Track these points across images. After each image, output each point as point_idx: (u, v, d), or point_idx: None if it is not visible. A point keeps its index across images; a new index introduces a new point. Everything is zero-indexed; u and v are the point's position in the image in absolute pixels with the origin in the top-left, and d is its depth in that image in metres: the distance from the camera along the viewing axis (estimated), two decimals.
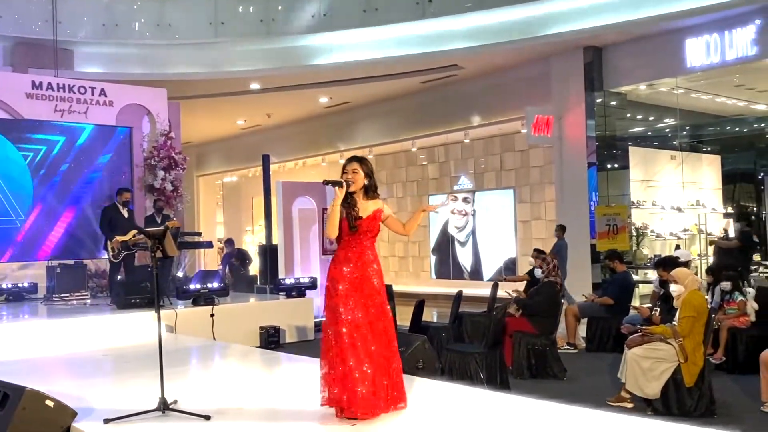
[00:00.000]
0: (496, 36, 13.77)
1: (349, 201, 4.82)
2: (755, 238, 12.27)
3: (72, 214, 13.77)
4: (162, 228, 5.60)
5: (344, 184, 4.79)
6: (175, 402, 5.27)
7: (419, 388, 5.86)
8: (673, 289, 6.92)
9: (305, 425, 4.80)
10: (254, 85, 16.54)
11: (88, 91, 14.08)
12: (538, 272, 9.15)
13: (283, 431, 4.84)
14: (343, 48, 15.08)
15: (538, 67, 14.71)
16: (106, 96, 14.25)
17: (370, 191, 4.91)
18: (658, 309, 7.81)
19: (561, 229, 13.16)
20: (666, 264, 8.48)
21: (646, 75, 13.54)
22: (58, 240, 13.59)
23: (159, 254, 5.41)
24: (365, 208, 4.85)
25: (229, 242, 18.09)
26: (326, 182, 4.94)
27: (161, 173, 14.43)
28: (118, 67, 15.38)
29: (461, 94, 16.54)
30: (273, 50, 15.43)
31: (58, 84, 13.77)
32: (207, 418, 5.00)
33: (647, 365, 6.73)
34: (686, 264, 9.05)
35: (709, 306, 7.00)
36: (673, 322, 6.78)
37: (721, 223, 15.48)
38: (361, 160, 4.92)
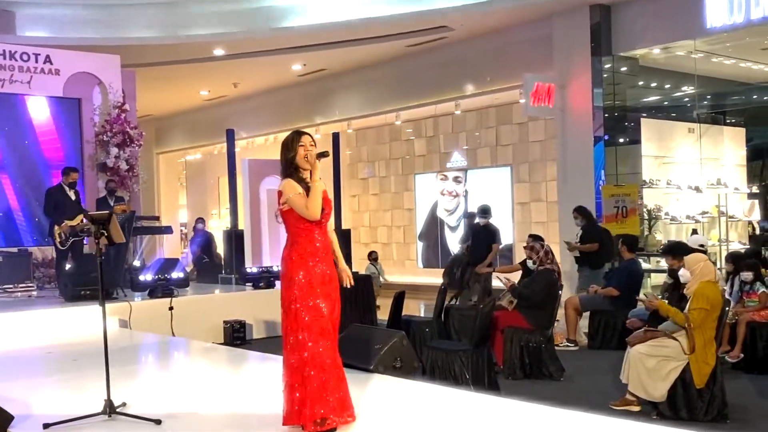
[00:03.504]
0: None
1: (304, 181, 4.85)
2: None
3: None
4: (107, 212, 5.62)
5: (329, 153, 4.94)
6: (124, 405, 5.35)
7: (396, 389, 5.93)
8: (681, 273, 7.02)
9: None
10: (218, 51, 16.49)
11: (31, 59, 14.04)
12: (529, 263, 9.21)
13: None
14: (318, 7, 15.05)
15: (538, 28, 14.71)
16: (51, 64, 14.23)
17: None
18: (667, 301, 7.87)
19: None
20: (674, 250, 8.54)
21: (661, 37, 13.56)
22: None
23: (104, 241, 5.44)
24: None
25: (201, 221, 18.20)
26: (321, 155, 4.93)
27: (114, 150, 14.42)
28: (66, 31, 15.30)
29: (452, 60, 16.54)
30: (239, 11, 15.40)
31: None
32: (157, 422, 5.07)
33: (652, 364, 6.81)
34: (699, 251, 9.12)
35: (727, 297, 7.07)
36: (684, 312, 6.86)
37: (744, 205, 15.60)
38: (311, 134, 5.02)
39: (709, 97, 15.87)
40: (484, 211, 12.51)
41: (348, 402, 4.83)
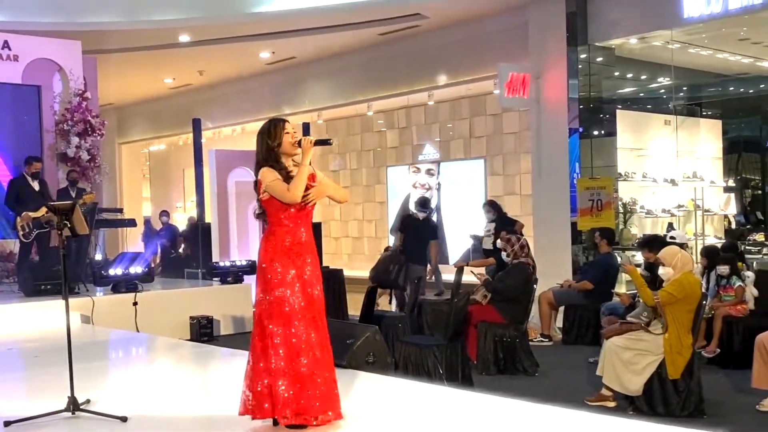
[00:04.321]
0: None
1: (285, 169, 4.86)
2: None
3: None
4: (70, 202, 5.59)
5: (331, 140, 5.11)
6: (88, 402, 5.35)
7: (368, 385, 5.97)
8: (662, 272, 7.10)
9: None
10: (184, 37, 16.37)
11: None
12: (504, 256, 9.28)
13: None
14: None
15: (514, 17, 14.73)
16: (10, 49, 14.07)
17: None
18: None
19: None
20: (651, 244, 8.67)
21: (638, 27, 13.60)
22: None
23: (67, 232, 5.42)
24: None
25: (165, 214, 18.12)
26: (322, 142, 5.07)
27: (75, 140, 14.29)
28: (24, 15, 15.09)
29: (425, 49, 16.54)
30: None
31: None
32: (123, 419, 5.08)
33: (628, 357, 6.91)
34: (682, 247, 9.24)
35: (704, 291, 7.19)
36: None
37: (720, 198, 15.77)
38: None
39: (685, 88, 15.95)
40: (423, 204, 12.17)
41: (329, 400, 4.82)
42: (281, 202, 4.78)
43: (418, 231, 11.94)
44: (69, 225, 5.39)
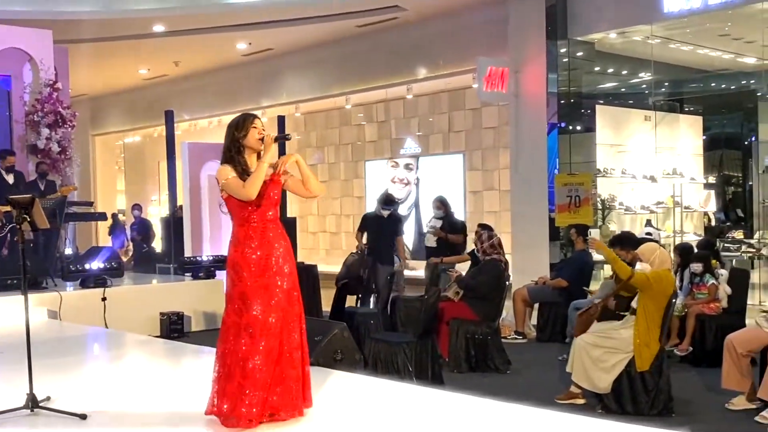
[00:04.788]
0: None
1: (243, 164, 4.89)
2: None
3: None
4: (29, 195, 5.59)
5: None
6: (48, 399, 5.36)
7: (336, 383, 6.02)
8: (638, 268, 7.19)
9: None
10: (158, 27, 16.36)
11: None
12: (476, 252, 9.36)
13: None
14: None
15: (494, 10, 14.79)
16: None
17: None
18: (615, 291, 8.03)
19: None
20: (623, 241, 8.73)
21: (618, 21, 13.68)
22: None
23: (27, 226, 5.44)
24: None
25: (137, 208, 18.07)
26: (279, 138, 5.05)
27: (46, 131, 14.24)
28: None
29: (404, 41, 16.61)
30: None
31: None
32: (83, 417, 5.09)
33: (597, 354, 6.99)
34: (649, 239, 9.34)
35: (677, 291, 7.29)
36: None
37: (700, 195, 15.88)
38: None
39: (666, 84, 16.04)
40: (387, 202, 11.91)
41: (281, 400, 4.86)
42: (238, 199, 4.82)
43: (383, 229, 11.68)
44: (29, 219, 5.40)
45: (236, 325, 4.76)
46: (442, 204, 12.03)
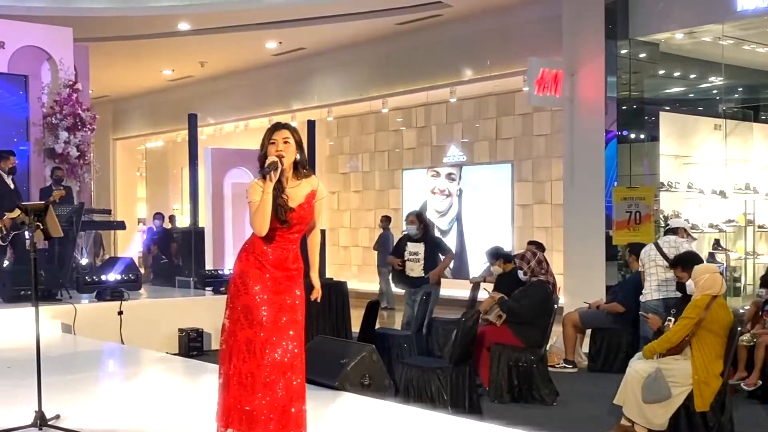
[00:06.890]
0: None
1: (276, 185, 4.72)
2: None
3: None
4: (42, 202, 5.64)
5: (278, 164, 4.66)
6: (57, 417, 5.45)
7: (363, 410, 5.98)
8: (688, 284, 7.11)
9: None
10: (183, 25, 16.54)
11: None
12: (520, 274, 9.25)
13: None
14: None
15: (547, 7, 14.79)
16: None
17: (300, 167, 4.84)
18: (673, 319, 7.92)
19: (386, 220, 14.18)
20: (685, 262, 8.54)
21: (685, 20, 13.58)
22: None
23: (39, 235, 5.49)
24: (296, 192, 4.80)
25: (158, 217, 18.20)
26: (266, 169, 4.72)
27: (64, 135, 14.41)
28: None
29: (448, 40, 16.63)
30: None
31: None
32: None
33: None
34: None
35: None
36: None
37: None
38: (291, 127, 4.89)
39: (738, 89, 15.90)
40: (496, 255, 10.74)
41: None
42: None
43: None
44: (41, 227, 5.45)
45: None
46: (417, 219, 11.01)
